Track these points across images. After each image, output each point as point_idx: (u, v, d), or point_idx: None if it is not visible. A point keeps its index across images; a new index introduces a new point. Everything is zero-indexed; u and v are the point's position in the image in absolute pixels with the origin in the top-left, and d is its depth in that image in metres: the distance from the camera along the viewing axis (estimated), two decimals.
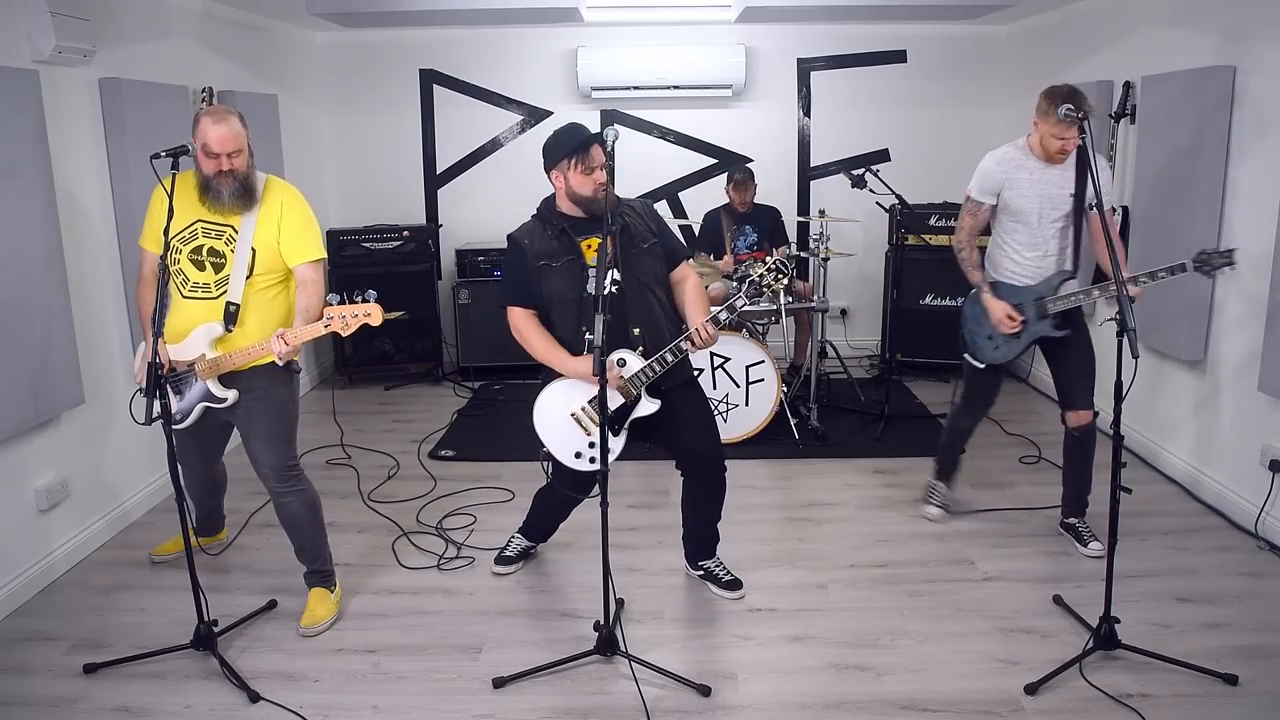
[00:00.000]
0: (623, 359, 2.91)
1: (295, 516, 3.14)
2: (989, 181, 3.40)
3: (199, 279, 2.94)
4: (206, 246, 2.94)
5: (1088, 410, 3.48)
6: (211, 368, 2.94)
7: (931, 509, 3.90)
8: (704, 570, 3.39)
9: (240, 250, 2.93)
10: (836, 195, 6.03)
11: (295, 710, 2.63)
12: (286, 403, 3.08)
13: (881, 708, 2.67)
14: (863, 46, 6.22)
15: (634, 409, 2.97)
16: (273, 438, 3.04)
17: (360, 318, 2.84)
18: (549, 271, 2.99)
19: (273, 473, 3.06)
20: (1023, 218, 3.36)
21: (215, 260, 2.94)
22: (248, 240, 2.93)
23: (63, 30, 3.41)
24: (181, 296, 2.96)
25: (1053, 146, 3.23)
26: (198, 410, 3.03)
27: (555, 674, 2.84)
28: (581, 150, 2.92)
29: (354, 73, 6.24)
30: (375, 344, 5.99)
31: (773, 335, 5.47)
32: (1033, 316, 3.40)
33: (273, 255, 2.97)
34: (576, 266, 2.97)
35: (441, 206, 6.45)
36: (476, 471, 4.49)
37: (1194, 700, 2.64)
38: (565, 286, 2.99)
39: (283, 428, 3.08)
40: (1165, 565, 3.45)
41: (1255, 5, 3.63)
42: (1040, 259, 3.39)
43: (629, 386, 2.93)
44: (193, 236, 2.94)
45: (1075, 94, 3.09)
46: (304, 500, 3.14)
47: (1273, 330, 3.48)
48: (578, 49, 6.07)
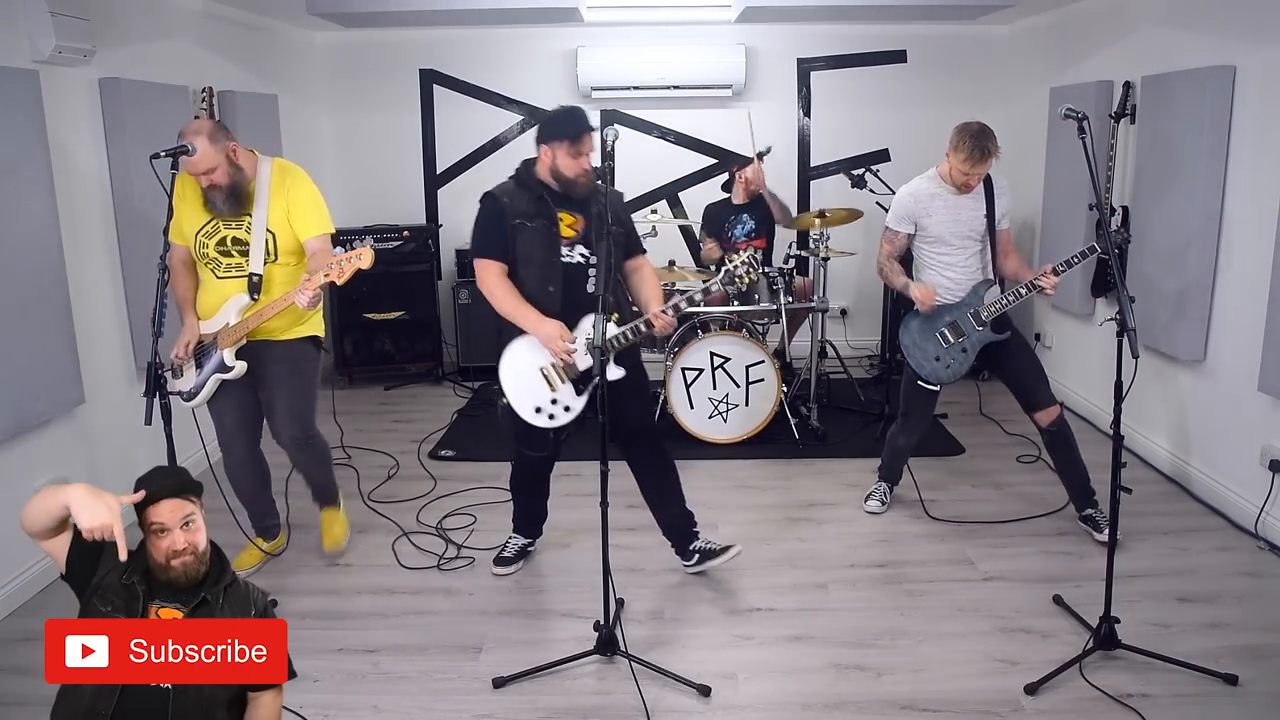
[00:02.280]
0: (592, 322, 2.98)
1: (308, 469, 3.50)
2: (903, 212, 3.62)
3: (230, 263, 3.20)
4: (230, 237, 3.18)
5: (1054, 405, 3.60)
6: (232, 334, 3.14)
7: (873, 503, 4.00)
8: (696, 554, 3.42)
9: (256, 234, 3.16)
10: (836, 195, 6.02)
11: (295, 710, 2.63)
12: (312, 376, 3.35)
13: (881, 708, 2.67)
14: (863, 46, 6.22)
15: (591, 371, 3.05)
16: (296, 412, 3.29)
17: (353, 262, 2.94)
18: (524, 230, 3.12)
19: (292, 442, 3.34)
20: (942, 241, 3.58)
21: (240, 247, 3.18)
22: (262, 225, 3.17)
23: (63, 30, 3.41)
24: (216, 278, 3.21)
25: (958, 180, 3.47)
26: (211, 383, 3.21)
27: (555, 674, 2.84)
28: (577, 136, 3.07)
29: (354, 73, 6.23)
30: (375, 344, 5.99)
31: (772, 335, 5.46)
32: (971, 327, 3.58)
33: (289, 235, 3.21)
34: (550, 231, 3.12)
35: (441, 206, 6.45)
36: (476, 471, 4.49)
37: (1194, 700, 2.64)
38: (536, 248, 3.12)
39: (306, 402, 3.34)
40: (1165, 565, 3.45)
41: (1255, 5, 3.63)
42: (962, 276, 3.61)
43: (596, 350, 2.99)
44: (215, 230, 3.18)
45: (984, 132, 3.37)
46: (317, 450, 3.45)
47: (1273, 330, 3.48)
48: (578, 49, 6.07)
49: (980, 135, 3.36)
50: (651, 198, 6.35)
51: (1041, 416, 3.61)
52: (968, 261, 3.59)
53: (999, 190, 3.55)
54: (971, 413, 5.19)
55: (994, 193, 3.54)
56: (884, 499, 4.00)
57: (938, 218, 3.54)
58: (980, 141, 3.34)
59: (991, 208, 3.54)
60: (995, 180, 3.55)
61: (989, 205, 3.54)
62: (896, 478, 4.05)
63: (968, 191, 3.51)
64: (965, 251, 3.58)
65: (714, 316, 4.85)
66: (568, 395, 3.11)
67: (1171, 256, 4.10)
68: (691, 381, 4.68)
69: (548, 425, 3.13)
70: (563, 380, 3.11)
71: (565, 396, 3.11)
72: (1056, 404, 3.61)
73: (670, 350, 4.88)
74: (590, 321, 2.97)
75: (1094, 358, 4.84)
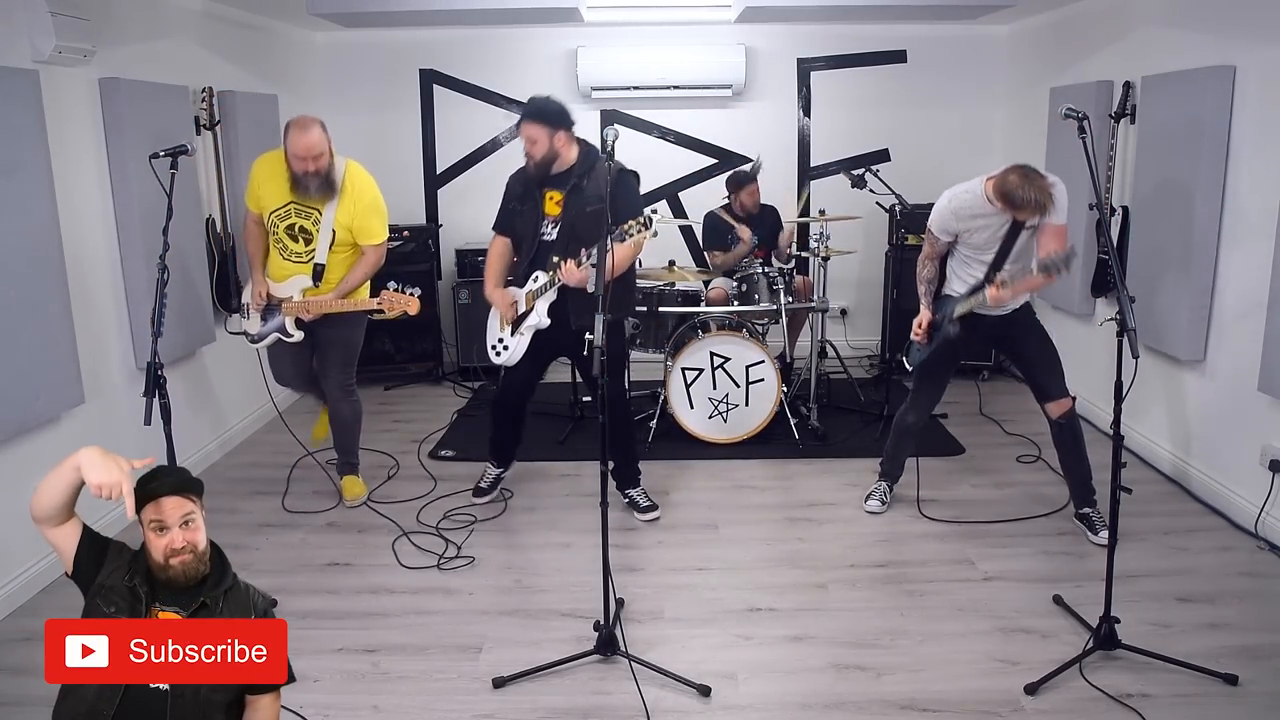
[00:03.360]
0: (536, 276, 3.67)
1: (345, 418, 4.07)
2: (945, 224, 3.48)
3: (294, 249, 3.78)
4: (298, 225, 3.73)
5: (1066, 398, 3.57)
6: (296, 308, 3.75)
7: (873, 502, 4.00)
8: (629, 499, 3.98)
9: (324, 231, 3.74)
10: (836, 194, 6.02)
11: (295, 710, 2.63)
12: (357, 341, 4.00)
13: (881, 708, 2.67)
14: (863, 46, 6.22)
15: (527, 317, 3.69)
16: (342, 364, 3.97)
17: (400, 305, 3.65)
18: (516, 213, 3.74)
19: (338, 387, 3.98)
20: (979, 250, 3.48)
21: (305, 236, 3.75)
22: (329, 223, 3.72)
23: (63, 30, 3.41)
24: (282, 259, 3.79)
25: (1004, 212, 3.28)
26: (271, 338, 3.84)
27: (555, 674, 2.84)
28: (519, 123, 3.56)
29: (354, 73, 6.23)
30: (375, 344, 5.97)
31: (772, 335, 5.46)
32: (941, 321, 3.59)
33: (348, 234, 3.77)
34: (534, 213, 3.66)
35: (441, 206, 6.45)
36: (477, 471, 4.47)
37: (1194, 700, 2.64)
38: (526, 228, 3.70)
39: (350, 358, 4.00)
40: (1165, 565, 3.45)
41: (1255, 5, 3.63)
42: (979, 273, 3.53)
43: (531, 298, 3.67)
44: (288, 215, 3.72)
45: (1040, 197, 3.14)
46: (354, 409, 4.08)
47: (1273, 330, 3.47)
48: (578, 49, 6.07)
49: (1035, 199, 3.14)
50: (651, 198, 6.34)
51: (1052, 408, 3.59)
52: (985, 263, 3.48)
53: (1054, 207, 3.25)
54: (971, 413, 5.19)
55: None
56: (884, 499, 4.00)
57: (978, 236, 3.42)
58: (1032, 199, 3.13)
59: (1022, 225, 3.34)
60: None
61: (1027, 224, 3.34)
62: (897, 475, 4.03)
63: None
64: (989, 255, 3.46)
65: (714, 316, 4.85)
66: (507, 336, 3.81)
67: (1171, 256, 4.10)
68: (691, 381, 4.68)
69: (498, 361, 3.86)
70: (505, 326, 3.81)
71: (507, 338, 3.80)
72: (1069, 397, 3.58)
73: (670, 350, 4.88)
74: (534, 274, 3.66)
75: (1094, 358, 4.84)
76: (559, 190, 3.61)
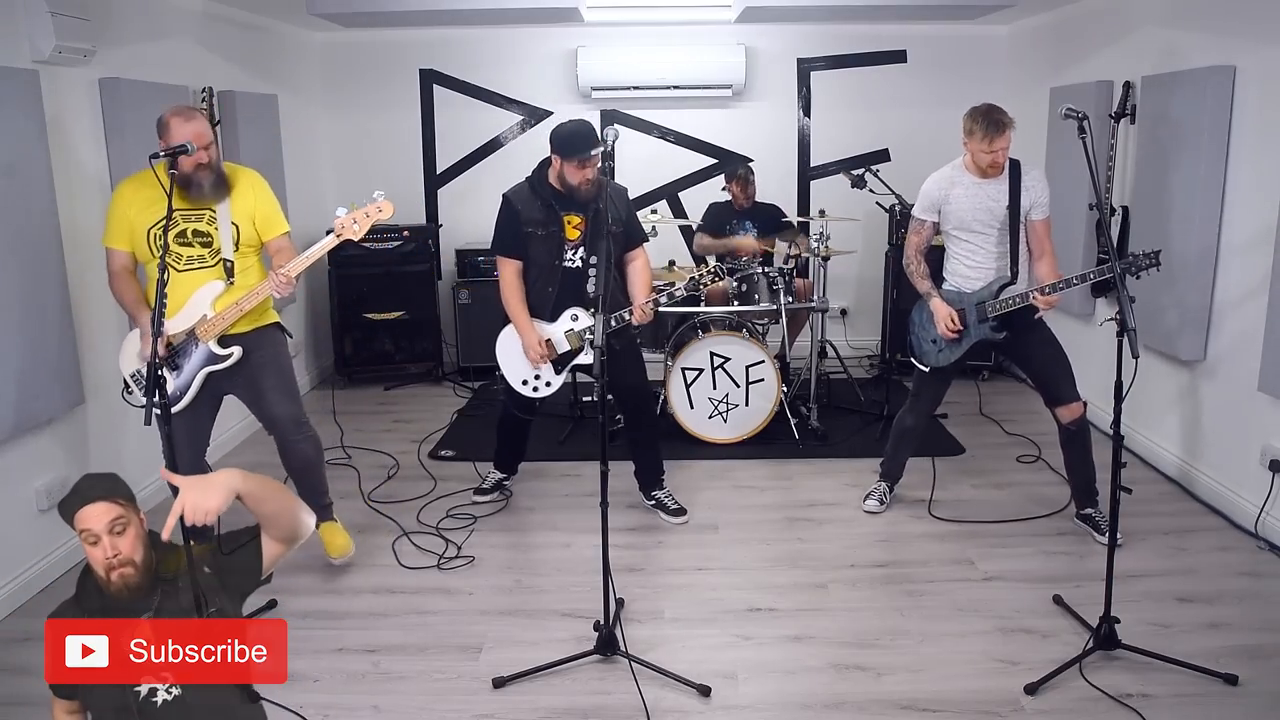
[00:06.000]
0: (576, 314, 3.64)
1: (307, 458, 3.39)
2: (927, 200, 3.60)
3: (193, 254, 3.16)
4: (190, 230, 3.16)
5: (1078, 402, 3.54)
6: (213, 325, 3.12)
7: (872, 502, 4.00)
8: (655, 500, 3.95)
9: (223, 226, 3.18)
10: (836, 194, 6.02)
11: (295, 710, 2.63)
12: (289, 360, 3.38)
13: (881, 708, 2.67)
14: (863, 46, 6.22)
15: (575, 356, 3.68)
16: (286, 390, 3.31)
17: (371, 216, 3.07)
18: (534, 238, 3.60)
19: (292, 423, 3.30)
20: (964, 228, 3.54)
21: (202, 237, 3.16)
22: (228, 218, 3.18)
23: (63, 30, 3.41)
24: (178, 271, 3.11)
25: (984, 161, 3.41)
26: (199, 379, 3.15)
27: (555, 674, 2.84)
28: (583, 161, 3.45)
29: (354, 73, 6.23)
30: (375, 344, 5.98)
31: (772, 335, 5.46)
32: (973, 321, 3.55)
33: (251, 230, 3.24)
34: (557, 238, 3.59)
35: (441, 206, 6.45)
36: (476, 471, 4.49)
37: (1194, 700, 2.64)
38: (543, 253, 3.60)
39: (291, 382, 3.38)
40: (1165, 565, 3.45)
41: (1255, 5, 3.63)
42: (982, 267, 3.55)
43: (577, 338, 3.64)
44: (173, 225, 3.10)
45: (992, 108, 3.37)
46: (314, 443, 3.42)
47: (1273, 330, 3.48)
48: (578, 49, 6.07)
49: (990, 111, 3.36)
50: (651, 198, 6.36)
51: (1063, 412, 3.56)
52: (989, 253, 3.51)
53: (1027, 183, 3.44)
54: (971, 413, 5.19)
55: (1020, 183, 3.43)
56: (883, 498, 4.00)
57: (957, 204, 3.50)
58: (992, 116, 3.34)
59: (1016, 198, 3.44)
60: (1025, 172, 3.45)
61: (1013, 195, 3.44)
62: (897, 475, 4.03)
63: (996, 174, 3.44)
64: (987, 240, 3.50)
65: (714, 317, 4.85)
66: (549, 373, 3.71)
67: (1171, 256, 4.09)
68: (691, 381, 4.68)
69: (532, 396, 3.75)
70: (542, 363, 3.67)
71: (547, 374, 3.71)
72: (1080, 401, 3.54)
73: (670, 350, 4.88)
74: (572, 312, 3.63)
75: (1094, 358, 4.84)
76: (577, 214, 3.59)
